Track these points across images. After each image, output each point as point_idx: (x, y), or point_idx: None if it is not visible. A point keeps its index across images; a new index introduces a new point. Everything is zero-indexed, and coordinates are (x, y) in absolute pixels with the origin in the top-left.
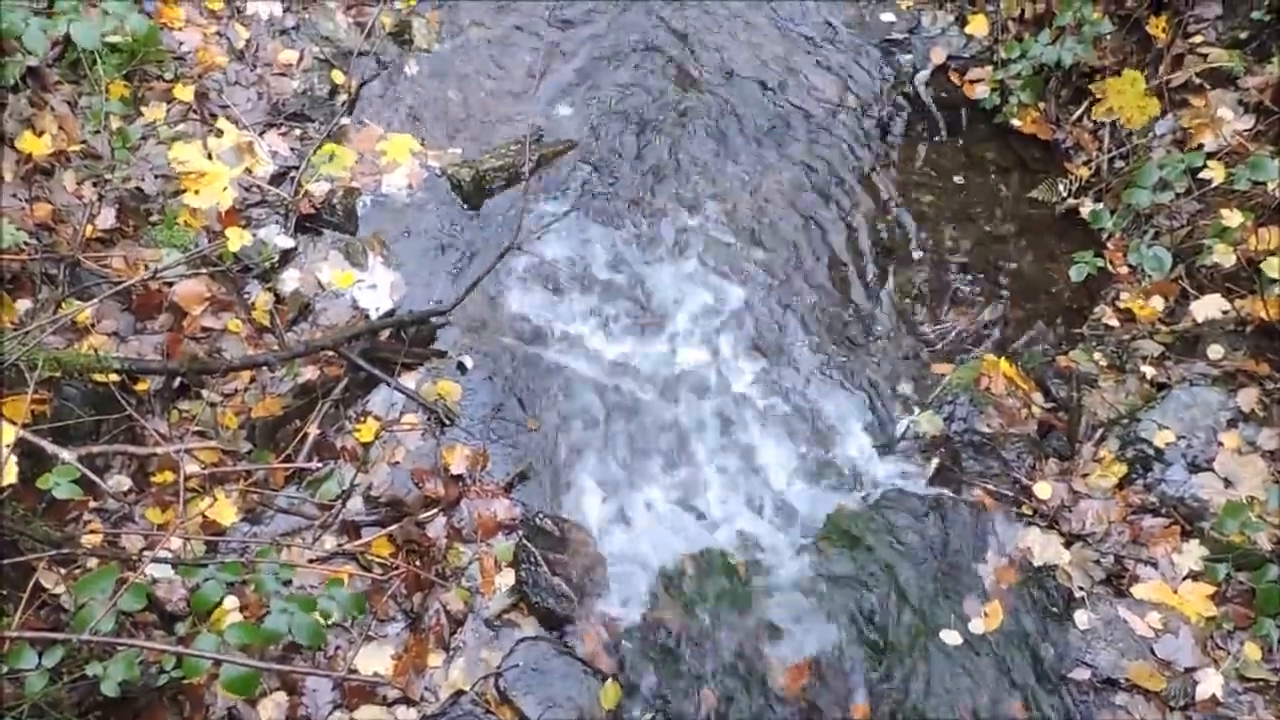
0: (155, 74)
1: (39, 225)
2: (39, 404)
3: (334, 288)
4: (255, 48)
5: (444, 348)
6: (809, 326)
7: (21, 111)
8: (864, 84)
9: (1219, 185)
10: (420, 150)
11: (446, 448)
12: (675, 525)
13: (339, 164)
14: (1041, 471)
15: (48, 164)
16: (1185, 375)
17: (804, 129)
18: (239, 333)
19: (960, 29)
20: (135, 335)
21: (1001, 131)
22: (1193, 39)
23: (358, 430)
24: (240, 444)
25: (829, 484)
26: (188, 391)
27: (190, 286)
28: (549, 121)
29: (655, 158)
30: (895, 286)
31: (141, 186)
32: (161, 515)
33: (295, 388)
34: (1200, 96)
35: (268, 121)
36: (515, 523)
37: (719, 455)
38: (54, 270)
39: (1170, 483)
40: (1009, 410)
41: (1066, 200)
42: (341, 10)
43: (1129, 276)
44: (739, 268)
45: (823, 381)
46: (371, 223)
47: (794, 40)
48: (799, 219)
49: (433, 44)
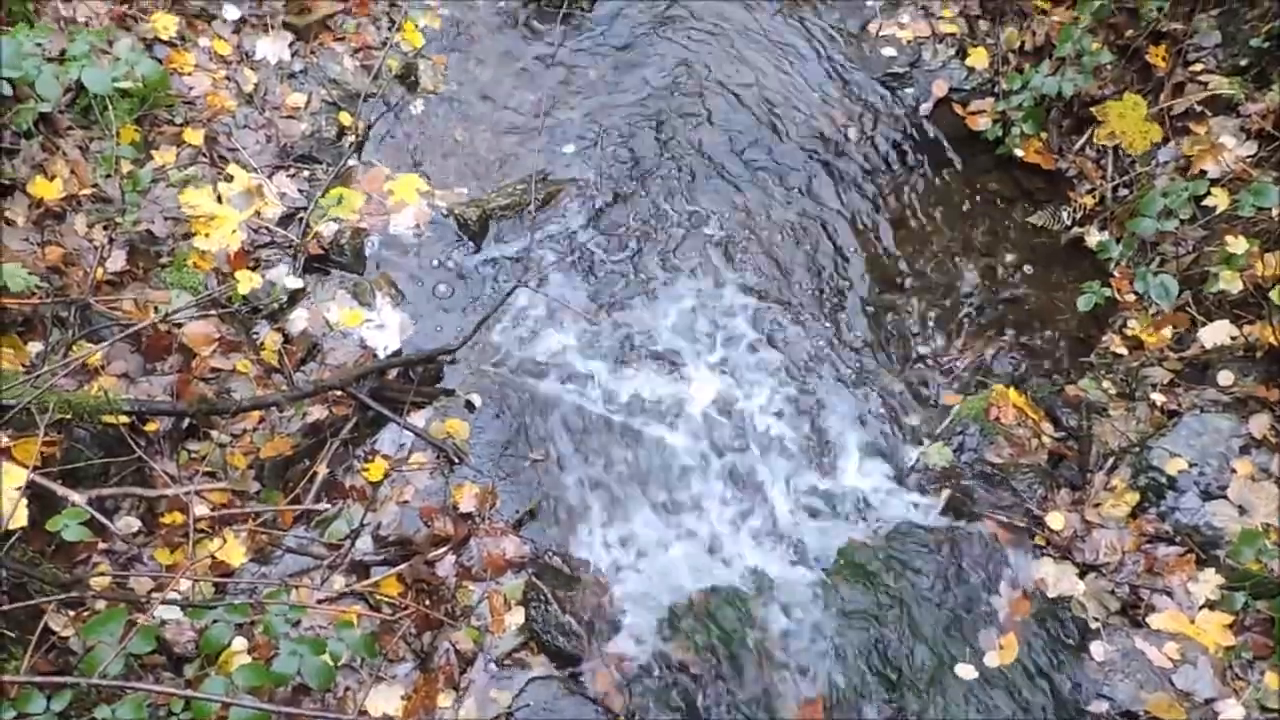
0: (165, 118)
1: (50, 268)
2: (49, 446)
3: (342, 327)
4: (264, 91)
5: (452, 386)
6: (815, 359)
7: (34, 156)
8: (866, 118)
9: (1223, 212)
10: (427, 190)
11: (455, 486)
12: (685, 561)
13: (347, 207)
14: (1053, 501)
15: (59, 208)
16: (1195, 402)
17: (807, 163)
18: (248, 373)
19: (961, 62)
20: (145, 376)
21: (1004, 162)
22: (1193, 67)
23: (366, 469)
24: (249, 484)
25: (839, 517)
26: (197, 432)
27: (199, 328)
28: (554, 160)
29: (660, 193)
30: (901, 318)
31: (152, 229)
32: (170, 556)
33: (304, 427)
34: (1201, 124)
35: (276, 164)
36: (525, 560)
37: (728, 489)
38: (65, 313)
39: (1184, 511)
40: (1019, 440)
41: (1071, 229)
42: (349, 54)
43: (1136, 304)
44: (744, 301)
45: (831, 414)
46: (379, 262)
47: (796, 75)
48: (803, 252)
49: (439, 86)
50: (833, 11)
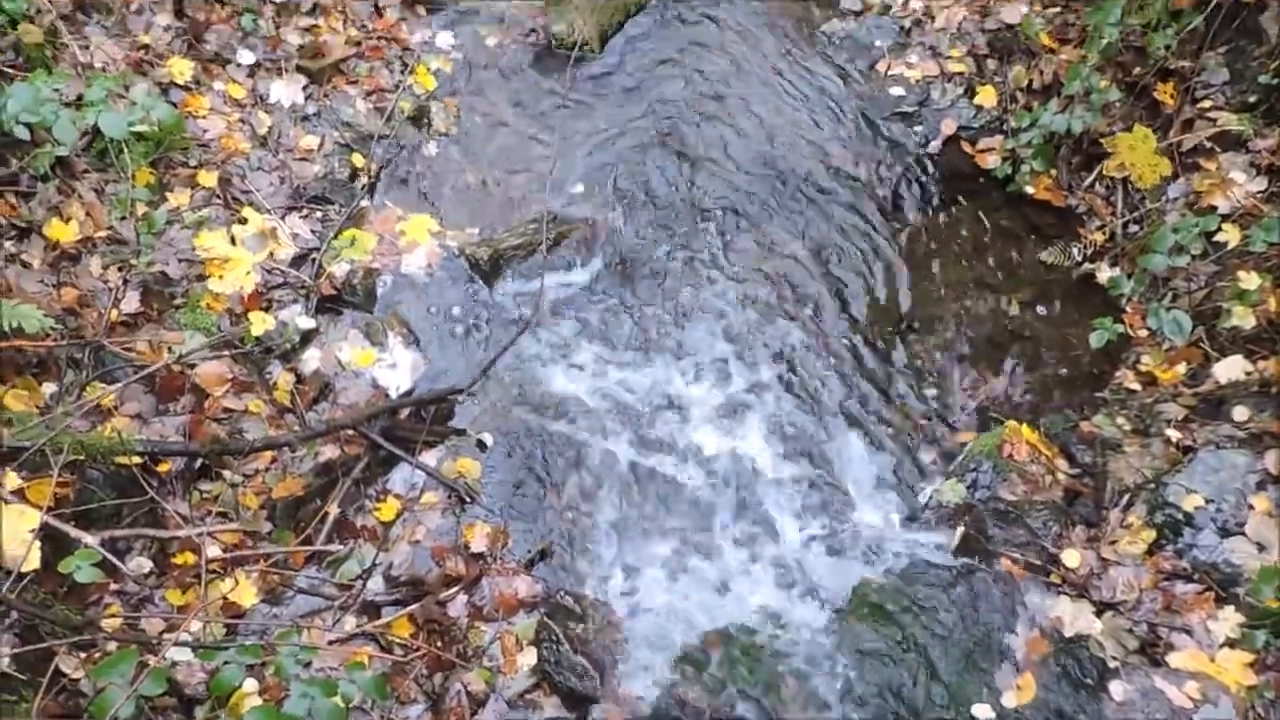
0: (180, 161)
1: (65, 310)
2: (62, 487)
3: (354, 367)
4: (277, 134)
5: (463, 425)
6: (827, 397)
7: (50, 200)
8: (876, 157)
9: (1235, 247)
10: (439, 230)
11: (467, 525)
12: (698, 600)
13: (360, 248)
14: (1069, 539)
15: (75, 250)
16: (1211, 438)
17: (817, 202)
18: (260, 413)
19: (969, 100)
20: (158, 417)
21: (1014, 199)
22: (1201, 104)
23: (378, 509)
24: (261, 524)
25: (853, 555)
26: (209, 472)
27: (212, 368)
28: (565, 200)
29: (669, 233)
30: (913, 355)
31: (166, 270)
32: (182, 597)
33: (316, 467)
34: (1211, 160)
35: (289, 205)
36: (537, 600)
37: (741, 527)
38: (79, 354)
39: (1201, 548)
40: (1033, 477)
41: (1082, 265)
42: (361, 97)
43: (1149, 339)
44: (756, 340)
45: (843, 451)
46: (391, 302)
47: (805, 115)
48: (814, 290)
49: (450, 128)
50: (841, 52)
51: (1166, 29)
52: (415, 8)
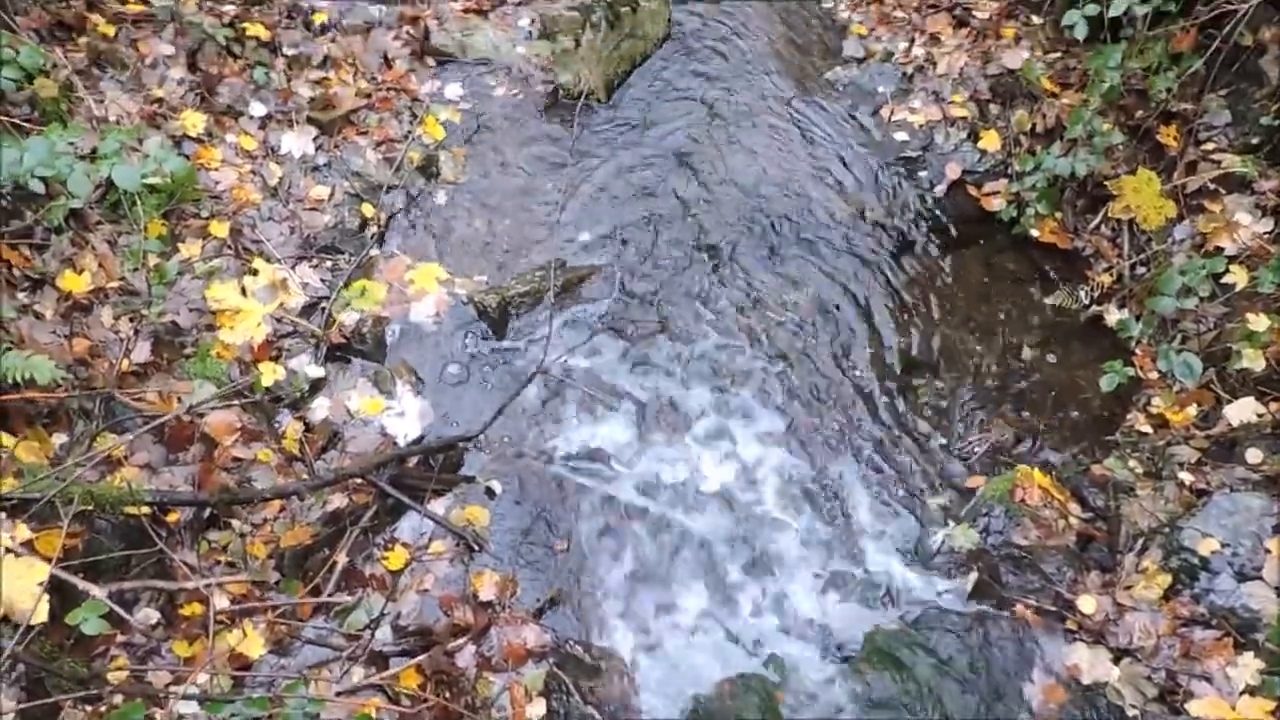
0: (192, 212)
1: (77, 360)
2: (71, 538)
3: (363, 415)
4: (288, 184)
5: (472, 473)
6: (836, 441)
7: (64, 251)
8: (881, 201)
9: (1243, 289)
10: (447, 279)
11: (475, 574)
12: (709, 648)
13: (370, 298)
14: (1084, 584)
15: (87, 300)
16: (1225, 481)
17: (824, 247)
18: (269, 462)
19: (973, 144)
20: (167, 466)
21: (1020, 242)
22: (1204, 146)
23: (386, 558)
24: (269, 574)
25: (865, 602)
26: (218, 522)
27: (222, 417)
28: (572, 247)
29: (676, 279)
30: (922, 399)
31: (176, 320)
32: (189, 649)
33: (324, 516)
34: (1216, 201)
35: (299, 254)
36: (546, 650)
37: (751, 574)
38: (90, 405)
39: (1219, 593)
40: (1046, 522)
41: (1090, 307)
42: (371, 147)
43: (1159, 382)
44: (764, 385)
45: (853, 496)
46: (400, 351)
47: (809, 162)
48: (822, 334)
49: (459, 176)
50: (845, 99)
51: (1167, 72)
52: (424, 59)
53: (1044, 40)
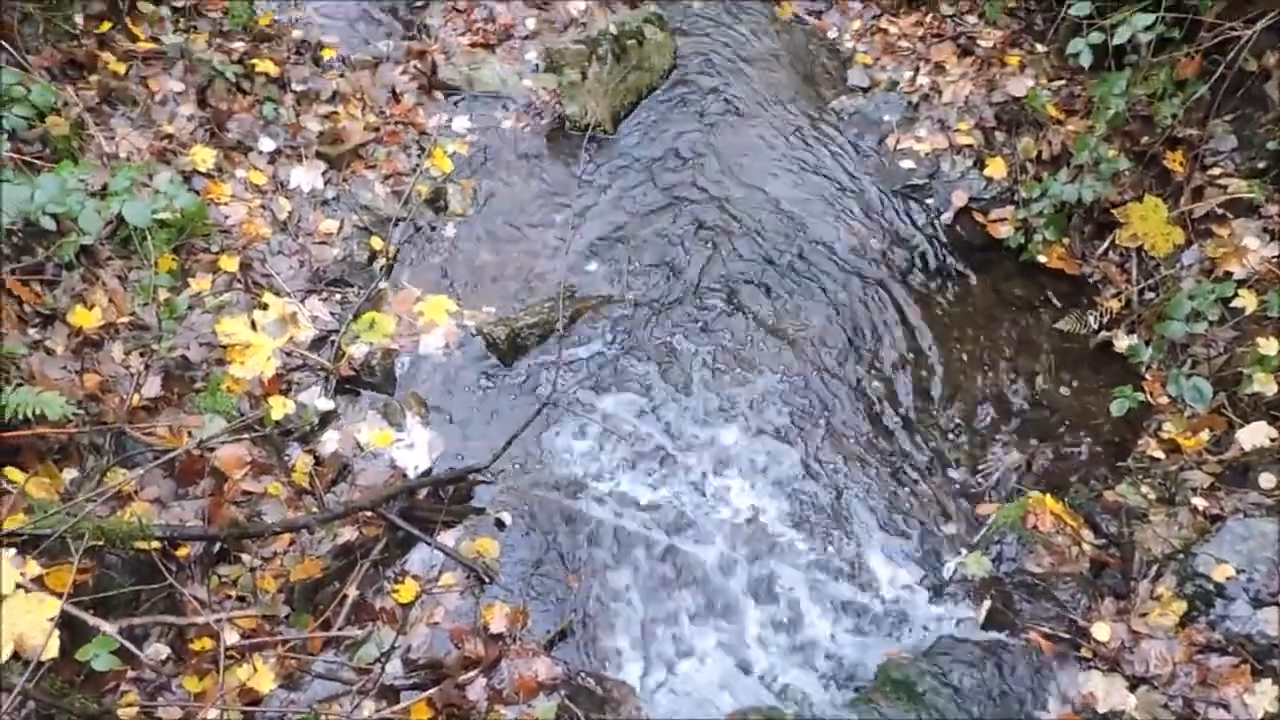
0: (202, 246)
1: (88, 396)
2: (81, 573)
3: (372, 448)
4: (297, 218)
5: (482, 504)
6: (846, 470)
7: (74, 287)
8: (889, 229)
9: (1252, 313)
10: (456, 310)
11: (486, 606)
12: (720, 679)
13: (379, 331)
14: (1098, 611)
15: (97, 336)
16: (1238, 506)
17: (831, 275)
18: (279, 495)
19: (979, 172)
20: (177, 501)
21: (1028, 268)
22: (1211, 171)
23: (396, 591)
24: (279, 608)
25: (877, 631)
26: (228, 556)
27: (232, 451)
28: (580, 278)
29: (684, 308)
30: (932, 427)
31: (187, 355)
32: (199, 684)
33: (334, 549)
34: (1224, 226)
35: (309, 288)
36: (557, 682)
37: (762, 604)
38: (100, 440)
39: (1234, 619)
40: (1059, 549)
41: (1099, 333)
42: (379, 181)
43: (1170, 407)
44: (773, 413)
45: (864, 525)
46: (409, 383)
47: (816, 190)
48: (831, 362)
49: (467, 208)
50: (851, 128)
51: (1172, 98)
52: (432, 93)
53: (1048, 68)
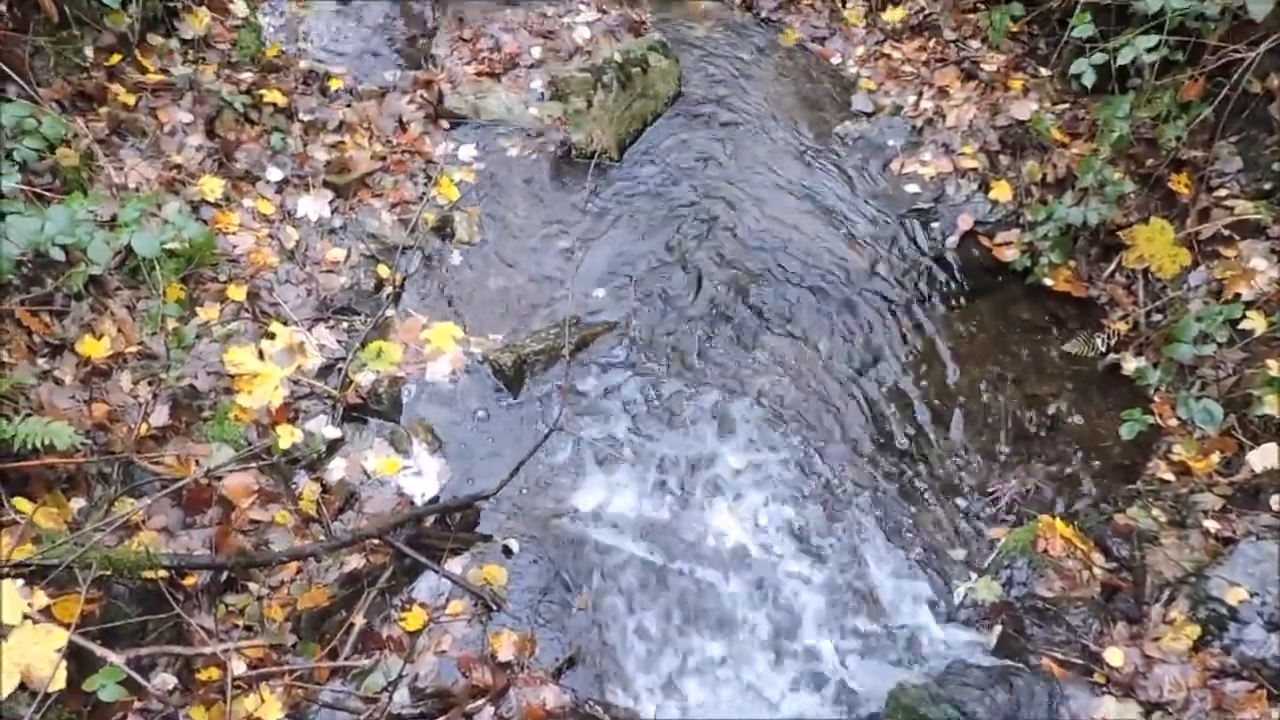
0: (210, 275)
1: (96, 425)
2: (89, 604)
3: (379, 476)
4: (305, 247)
5: (489, 531)
6: (854, 494)
7: (83, 317)
8: (895, 253)
9: (1262, 334)
10: (463, 338)
11: (493, 634)
12: (730, 707)
13: (386, 360)
14: (1111, 636)
15: (106, 365)
16: (1250, 528)
17: (837, 301)
18: (286, 524)
19: (984, 195)
20: (184, 530)
21: (1035, 291)
22: (1216, 192)
23: (404, 619)
24: (286, 637)
25: (887, 657)
26: (235, 585)
27: (239, 479)
28: (587, 304)
29: (691, 334)
30: (940, 450)
31: (195, 384)
32: (206, 714)
33: (341, 577)
34: (1231, 248)
35: (316, 316)
36: (565, 711)
37: (771, 630)
38: (108, 469)
39: (1249, 643)
40: (1070, 573)
41: (1106, 355)
42: (386, 209)
43: (1179, 429)
44: (780, 438)
45: (873, 550)
46: (416, 410)
47: (821, 215)
48: (838, 387)
49: (474, 236)
50: (856, 152)
51: (1176, 120)
52: (438, 122)
53: (1052, 91)
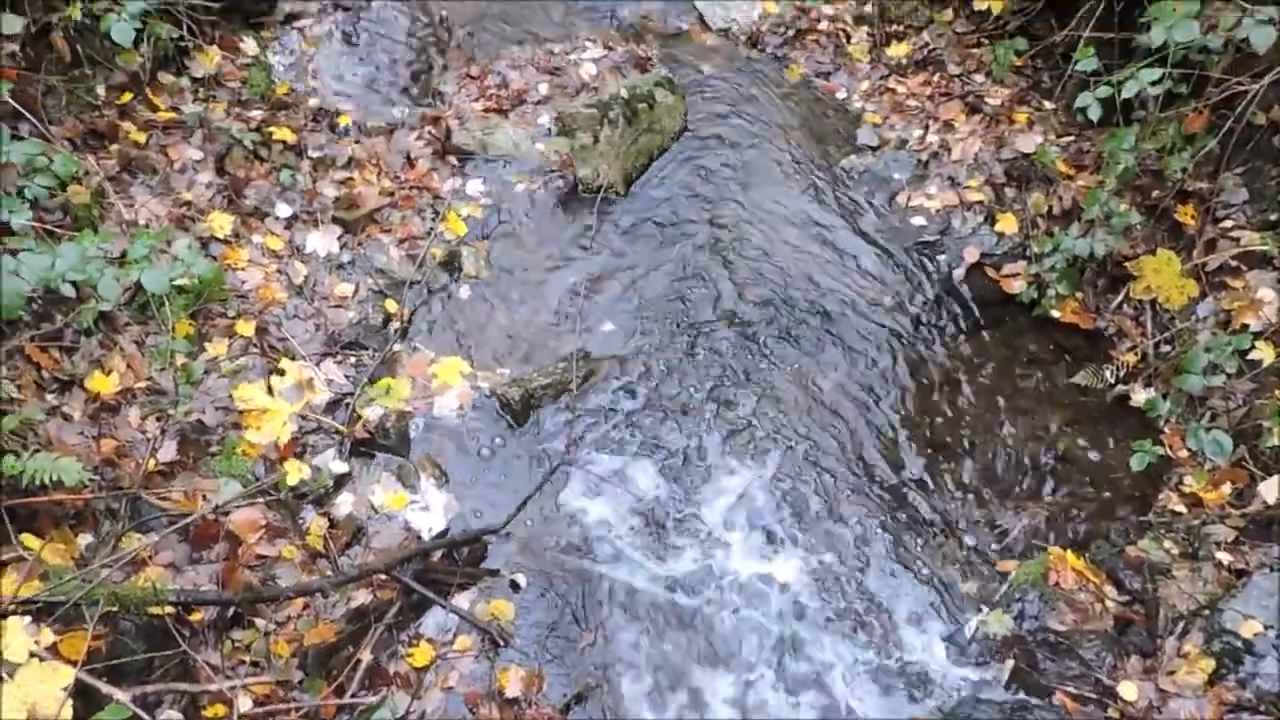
0: (219, 311)
1: (104, 461)
2: (95, 640)
3: (387, 510)
4: (313, 282)
5: (496, 566)
6: (864, 528)
7: (92, 353)
8: (901, 285)
9: (1270, 365)
10: (470, 372)
11: (501, 669)
12: None
13: (395, 396)
14: (1124, 670)
15: (114, 401)
16: (1264, 560)
17: (845, 334)
18: (293, 559)
19: (990, 228)
20: (191, 565)
21: (1042, 323)
22: (1222, 224)
23: (411, 654)
24: (292, 673)
25: (899, 691)
26: (241, 620)
27: (246, 515)
28: (594, 338)
29: (699, 366)
30: (950, 483)
31: (203, 419)
32: None
33: (348, 613)
34: (1238, 278)
35: (324, 351)
36: None
37: (781, 665)
38: (116, 505)
39: (1264, 677)
40: (1082, 606)
41: (1115, 387)
42: (394, 244)
43: (1190, 460)
44: (788, 470)
45: (883, 584)
46: (423, 444)
47: (829, 249)
48: (846, 421)
49: (481, 271)
50: (861, 186)
51: (1182, 152)
52: (446, 158)
53: (1056, 124)
